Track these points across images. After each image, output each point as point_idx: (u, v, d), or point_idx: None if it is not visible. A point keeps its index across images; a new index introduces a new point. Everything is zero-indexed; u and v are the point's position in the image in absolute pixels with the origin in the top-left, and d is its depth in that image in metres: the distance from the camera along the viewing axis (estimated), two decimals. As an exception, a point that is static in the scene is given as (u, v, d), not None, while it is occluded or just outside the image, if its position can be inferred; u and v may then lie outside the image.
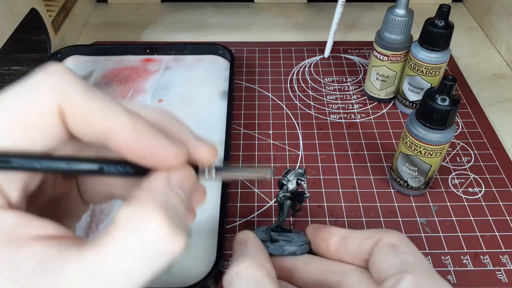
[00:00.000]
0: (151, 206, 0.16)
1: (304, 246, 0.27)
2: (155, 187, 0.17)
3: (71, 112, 0.16)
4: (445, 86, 0.30)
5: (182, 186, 0.18)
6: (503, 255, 0.33)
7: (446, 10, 0.37)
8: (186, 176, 0.18)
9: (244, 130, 0.43)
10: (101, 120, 0.17)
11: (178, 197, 0.17)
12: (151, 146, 0.17)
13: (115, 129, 0.17)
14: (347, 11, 0.60)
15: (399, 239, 0.24)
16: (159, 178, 0.18)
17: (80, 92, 0.17)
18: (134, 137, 0.17)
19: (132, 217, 0.16)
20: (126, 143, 0.17)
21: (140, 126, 0.17)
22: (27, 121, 0.16)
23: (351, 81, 0.49)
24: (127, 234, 0.16)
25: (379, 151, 0.41)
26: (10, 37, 0.42)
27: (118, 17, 0.61)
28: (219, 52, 0.50)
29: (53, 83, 0.16)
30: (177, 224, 0.16)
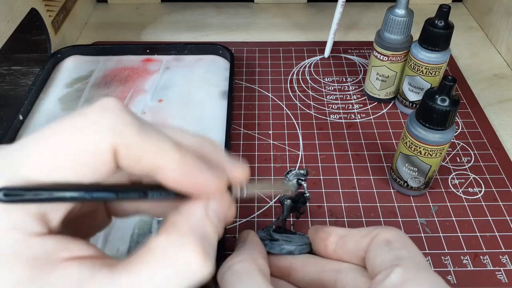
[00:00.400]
0: (189, 238, 0.17)
1: (303, 246, 0.27)
2: (194, 216, 0.18)
3: (124, 151, 0.17)
4: (445, 86, 0.30)
5: (218, 214, 0.19)
6: (503, 255, 0.33)
7: (446, 10, 0.37)
8: (223, 203, 0.19)
9: (244, 130, 0.43)
10: (152, 158, 0.17)
11: (213, 226, 0.18)
12: (197, 179, 0.18)
13: (164, 166, 0.17)
14: (347, 11, 0.60)
15: (395, 234, 0.24)
16: (198, 207, 0.18)
17: (134, 132, 0.17)
18: (182, 172, 0.18)
19: (170, 245, 0.17)
20: (174, 178, 0.18)
21: (187, 161, 0.18)
22: (81, 159, 0.16)
23: (351, 81, 0.49)
24: (163, 262, 0.16)
25: (379, 151, 0.41)
26: (10, 37, 0.42)
27: (118, 17, 0.61)
28: (219, 52, 0.50)
29: (109, 122, 0.17)
30: (210, 254, 0.17)
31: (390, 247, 0.24)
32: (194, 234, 0.17)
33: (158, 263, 0.16)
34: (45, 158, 0.16)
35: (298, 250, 0.27)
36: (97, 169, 0.17)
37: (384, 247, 0.24)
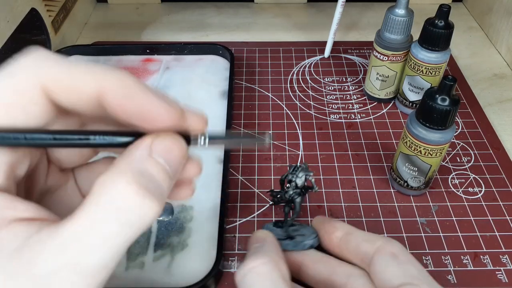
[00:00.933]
0: (124, 174, 0.16)
1: (317, 238, 0.28)
2: (134, 154, 0.17)
3: (56, 85, 0.17)
4: (445, 86, 0.30)
5: (166, 155, 0.18)
6: (503, 255, 0.33)
7: (446, 10, 0.37)
8: (171, 144, 0.18)
9: (244, 130, 0.43)
10: (89, 82, 0.17)
11: (157, 165, 0.17)
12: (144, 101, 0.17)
13: (105, 88, 0.17)
14: (347, 11, 0.60)
15: (400, 249, 0.25)
16: (140, 146, 0.18)
17: (60, 65, 0.17)
18: (126, 93, 0.17)
19: (106, 185, 0.16)
20: (118, 101, 0.17)
21: (130, 82, 0.17)
22: (8, 99, 0.16)
23: (351, 81, 0.49)
24: (100, 202, 0.16)
25: (379, 151, 0.41)
26: (10, 37, 0.42)
27: (118, 17, 0.61)
28: (219, 52, 0.50)
29: (32, 62, 0.17)
30: (152, 191, 0.16)
31: (397, 262, 0.24)
32: (129, 170, 0.16)
33: (95, 205, 0.16)
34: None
35: (315, 243, 0.28)
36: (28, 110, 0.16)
37: (391, 261, 0.24)
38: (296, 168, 0.30)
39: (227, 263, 0.32)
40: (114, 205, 0.16)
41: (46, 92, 0.17)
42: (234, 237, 0.34)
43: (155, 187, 0.17)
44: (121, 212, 0.16)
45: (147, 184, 0.16)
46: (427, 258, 0.32)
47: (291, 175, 0.30)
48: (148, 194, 0.16)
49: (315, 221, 0.30)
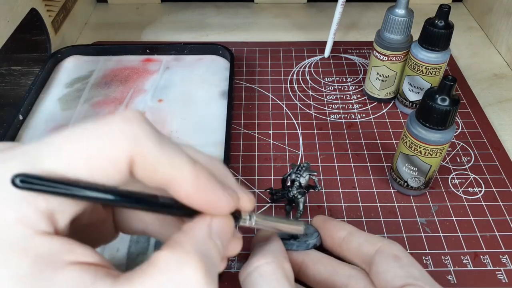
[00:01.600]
0: (192, 255, 0.17)
1: (319, 237, 0.29)
2: (197, 235, 0.18)
3: (141, 161, 0.17)
4: (445, 86, 0.30)
5: (221, 236, 0.19)
6: (503, 255, 0.33)
7: (446, 10, 0.37)
8: (226, 226, 0.19)
9: (244, 130, 0.43)
10: (168, 170, 0.17)
11: (216, 247, 0.18)
12: (209, 194, 0.18)
13: (179, 179, 0.18)
14: (347, 11, 0.60)
15: (401, 251, 0.25)
16: (201, 226, 0.19)
17: (152, 143, 0.17)
18: (196, 187, 0.18)
19: (172, 261, 0.17)
20: (188, 192, 0.18)
21: (202, 176, 0.18)
22: (98, 164, 0.17)
23: (351, 81, 0.49)
24: (164, 277, 0.16)
25: (379, 151, 0.41)
26: (10, 37, 0.42)
27: (118, 17, 0.61)
28: (219, 52, 0.50)
29: (129, 132, 0.17)
30: (211, 274, 0.17)
31: (400, 263, 0.24)
32: (196, 252, 0.17)
33: (159, 278, 0.16)
34: (65, 156, 0.16)
35: (318, 242, 0.29)
36: (112, 177, 0.17)
37: (393, 262, 0.25)
38: (300, 168, 0.30)
39: (227, 263, 0.32)
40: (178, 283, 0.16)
41: (132, 164, 0.17)
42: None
43: (214, 269, 0.18)
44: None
45: (210, 268, 0.17)
46: (427, 258, 0.32)
47: (295, 174, 0.30)
48: (212, 280, 0.17)
49: (315, 220, 0.30)
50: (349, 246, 0.27)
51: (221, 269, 0.21)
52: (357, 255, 0.27)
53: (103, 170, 0.17)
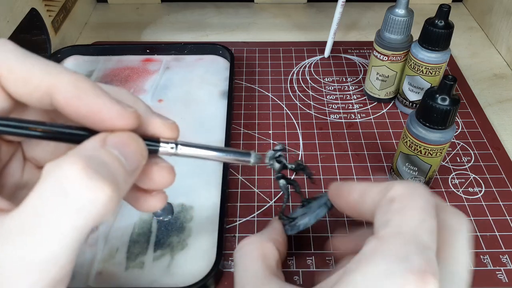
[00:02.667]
0: (71, 157, 0.15)
1: (318, 211, 0.28)
2: (86, 144, 0.17)
3: (9, 75, 0.17)
4: (445, 85, 0.30)
5: (121, 149, 0.17)
6: (503, 255, 0.33)
7: (446, 10, 0.37)
8: (126, 139, 0.17)
9: (244, 130, 0.43)
10: (42, 78, 0.17)
11: (110, 154, 0.17)
12: (94, 103, 0.17)
13: (56, 87, 0.17)
14: (347, 11, 0.60)
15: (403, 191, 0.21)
16: (94, 137, 0.17)
17: (15, 56, 0.17)
18: (76, 93, 0.17)
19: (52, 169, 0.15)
20: (68, 101, 0.17)
21: (82, 83, 0.17)
22: None
23: (351, 81, 0.49)
24: (45, 188, 0.15)
25: (379, 151, 0.41)
26: (10, 37, 0.42)
27: (118, 17, 0.61)
28: (219, 52, 0.50)
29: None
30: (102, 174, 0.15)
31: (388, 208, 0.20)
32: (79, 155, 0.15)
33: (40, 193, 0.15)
34: None
35: (313, 219, 0.28)
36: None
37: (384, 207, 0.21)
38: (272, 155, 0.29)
39: (227, 263, 0.32)
40: (60, 189, 0.15)
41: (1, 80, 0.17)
42: (234, 237, 0.34)
43: (107, 172, 0.16)
44: (69, 196, 0.15)
45: (98, 167, 0.15)
46: (427, 258, 0.32)
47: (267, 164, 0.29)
48: (99, 176, 0.15)
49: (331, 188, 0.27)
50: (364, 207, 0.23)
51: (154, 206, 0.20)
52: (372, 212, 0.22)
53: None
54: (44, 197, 0.15)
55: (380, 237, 0.19)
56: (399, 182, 0.21)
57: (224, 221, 0.33)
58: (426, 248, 0.18)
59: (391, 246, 0.18)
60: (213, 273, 0.30)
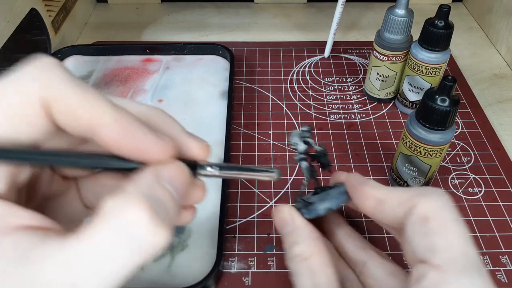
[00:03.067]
0: (134, 197, 0.16)
1: (340, 198, 0.27)
2: (142, 180, 0.17)
3: (56, 104, 0.17)
4: (445, 86, 0.30)
5: (173, 182, 0.18)
6: (503, 255, 0.33)
7: (446, 10, 0.37)
8: (177, 171, 0.18)
9: (244, 130, 0.43)
10: (86, 113, 0.17)
11: (166, 191, 0.17)
12: (137, 140, 0.17)
13: (100, 123, 0.17)
14: (347, 11, 0.60)
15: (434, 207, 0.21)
16: (147, 172, 0.18)
17: (66, 85, 0.17)
18: (119, 131, 0.17)
19: (115, 207, 0.16)
20: (111, 137, 0.17)
21: (125, 119, 0.17)
22: (12, 110, 0.16)
23: (351, 81, 0.49)
24: (109, 224, 0.15)
25: (379, 151, 0.41)
26: (10, 37, 0.42)
27: (118, 17, 0.61)
28: (219, 52, 0.50)
29: (39, 74, 0.17)
30: (162, 217, 0.16)
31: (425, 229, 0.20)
32: (141, 194, 0.16)
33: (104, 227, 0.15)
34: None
35: (334, 205, 0.27)
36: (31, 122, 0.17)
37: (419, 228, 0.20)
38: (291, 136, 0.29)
39: (227, 263, 0.32)
40: (125, 230, 0.15)
41: (47, 108, 0.17)
42: (234, 237, 0.34)
43: (166, 214, 0.17)
44: (133, 238, 0.15)
45: (159, 211, 0.16)
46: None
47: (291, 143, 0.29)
48: (161, 222, 0.16)
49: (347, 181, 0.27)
50: (383, 215, 0.23)
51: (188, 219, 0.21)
52: (393, 223, 0.23)
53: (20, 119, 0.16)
54: (108, 235, 0.15)
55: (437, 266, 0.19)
56: (420, 193, 0.21)
57: (224, 221, 0.33)
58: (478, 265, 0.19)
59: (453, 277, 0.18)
60: (213, 274, 0.30)
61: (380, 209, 0.23)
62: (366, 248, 0.27)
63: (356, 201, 0.25)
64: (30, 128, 0.17)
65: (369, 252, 0.27)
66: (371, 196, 0.24)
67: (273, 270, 0.32)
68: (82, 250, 0.15)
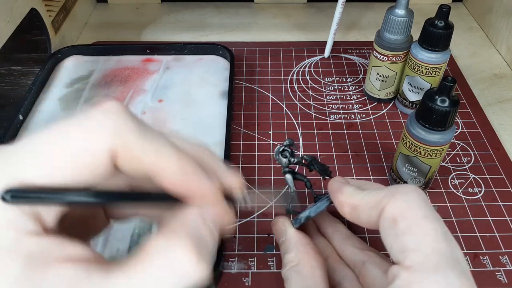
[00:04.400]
0: (182, 238, 0.17)
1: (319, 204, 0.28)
2: (189, 220, 0.18)
3: (124, 153, 0.17)
4: (445, 87, 0.30)
5: (214, 220, 0.19)
6: (503, 256, 0.33)
7: (446, 10, 0.36)
8: (219, 210, 0.20)
9: (244, 130, 0.43)
10: (152, 161, 0.17)
11: (209, 230, 0.18)
12: (195, 184, 0.18)
13: (163, 169, 0.18)
14: (347, 11, 0.60)
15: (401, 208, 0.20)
16: (194, 211, 0.19)
17: (135, 134, 0.17)
18: (181, 176, 0.18)
19: (163, 246, 0.17)
20: (172, 182, 0.18)
21: (186, 166, 0.18)
22: (80, 159, 0.17)
23: (351, 81, 0.49)
24: (157, 260, 0.16)
25: (379, 152, 0.41)
26: (10, 37, 0.42)
27: (118, 17, 0.61)
28: (219, 52, 0.50)
29: (109, 124, 0.17)
30: (205, 256, 0.17)
31: (395, 231, 0.20)
32: (188, 236, 0.17)
33: (152, 264, 0.16)
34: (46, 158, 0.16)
35: (313, 212, 0.28)
36: (95, 171, 0.17)
37: (389, 231, 0.20)
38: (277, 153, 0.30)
39: (227, 263, 0.32)
40: (171, 268, 0.16)
41: (114, 156, 0.17)
42: (234, 238, 0.34)
43: (207, 251, 0.18)
44: (178, 276, 0.16)
45: (202, 250, 0.17)
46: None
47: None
48: (205, 258, 0.17)
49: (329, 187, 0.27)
50: (359, 221, 0.23)
51: None
52: (370, 227, 0.23)
53: (86, 167, 0.17)
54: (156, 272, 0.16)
55: (408, 267, 0.19)
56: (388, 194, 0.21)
57: (224, 221, 0.33)
58: (453, 260, 0.19)
59: (424, 276, 0.18)
60: (213, 274, 0.30)
61: (356, 215, 0.23)
62: (364, 249, 0.28)
63: (336, 207, 0.25)
64: (93, 176, 0.17)
65: (367, 253, 0.27)
66: (345, 203, 0.24)
67: (273, 270, 0.32)
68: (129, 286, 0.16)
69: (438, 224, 0.20)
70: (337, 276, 0.27)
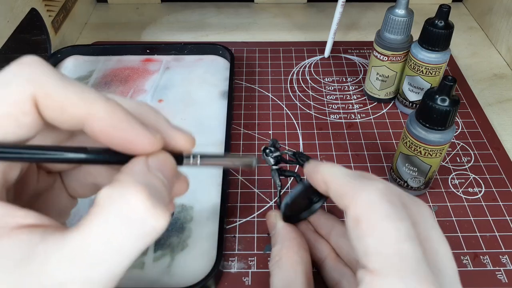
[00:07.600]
0: (132, 185, 0.16)
1: (294, 190, 0.29)
2: (135, 169, 0.18)
3: (46, 100, 0.17)
4: (445, 86, 0.30)
5: (162, 170, 0.18)
6: (503, 255, 0.33)
7: (446, 10, 0.37)
8: (164, 161, 0.19)
9: (244, 130, 0.43)
10: (78, 106, 0.17)
11: (158, 179, 0.18)
12: (127, 132, 0.18)
13: (91, 115, 0.17)
14: (347, 11, 0.60)
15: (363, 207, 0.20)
16: (138, 161, 0.18)
17: (54, 81, 0.17)
18: (110, 123, 0.17)
19: (114, 196, 0.16)
20: (102, 129, 0.17)
21: (116, 112, 0.17)
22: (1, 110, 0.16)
23: (351, 81, 0.49)
24: (110, 213, 0.16)
25: (379, 151, 0.41)
26: (10, 37, 0.42)
27: (118, 17, 0.61)
28: (219, 52, 0.50)
29: (26, 73, 0.17)
30: (159, 202, 0.16)
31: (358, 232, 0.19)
32: (137, 183, 0.16)
33: (108, 217, 0.16)
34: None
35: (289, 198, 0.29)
36: (19, 121, 0.17)
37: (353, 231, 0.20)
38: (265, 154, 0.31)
39: (227, 263, 0.32)
40: (127, 217, 0.16)
41: (36, 105, 0.17)
42: (234, 237, 0.34)
43: (161, 199, 0.17)
44: (135, 223, 0.16)
45: (155, 196, 0.17)
46: (427, 258, 0.33)
47: None
48: (159, 204, 0.16)
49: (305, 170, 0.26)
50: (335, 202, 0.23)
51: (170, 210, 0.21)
52: None
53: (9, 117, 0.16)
54: (110, 225, 0.15)
55: (371, 271, 0.18)
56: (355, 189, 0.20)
57: (224, 221, 0.33)
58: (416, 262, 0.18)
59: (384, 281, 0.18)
60: (213, 274, 0.30)
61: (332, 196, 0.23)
62: None
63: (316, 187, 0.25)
64: (19, 126, 0.17)
65: None
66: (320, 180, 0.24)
67: (273, 270, 0.32)
68: (87, 241, 0.15)
69: (401, 224, 0.19)
70: (336, 275, 0.27)
